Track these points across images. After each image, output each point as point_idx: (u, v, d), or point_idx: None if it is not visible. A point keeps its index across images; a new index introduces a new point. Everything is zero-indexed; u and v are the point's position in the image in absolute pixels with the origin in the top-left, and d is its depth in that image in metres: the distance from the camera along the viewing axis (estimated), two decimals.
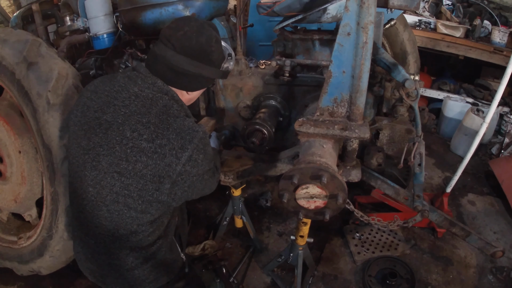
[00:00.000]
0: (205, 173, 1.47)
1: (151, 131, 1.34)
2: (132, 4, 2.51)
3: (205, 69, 1.46)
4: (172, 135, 1.35)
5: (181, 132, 1.36)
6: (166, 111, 1.38)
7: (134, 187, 1.36)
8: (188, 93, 1.54)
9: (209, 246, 2.78)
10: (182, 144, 1.35)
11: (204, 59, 1.44)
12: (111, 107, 1.38)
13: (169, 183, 1.36)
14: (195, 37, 1.41)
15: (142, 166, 1.33)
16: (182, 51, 1.40)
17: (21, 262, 2.36)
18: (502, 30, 4.30)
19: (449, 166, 3.92)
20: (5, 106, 2.24)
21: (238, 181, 2.21)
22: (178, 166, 1.34)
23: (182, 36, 1.41)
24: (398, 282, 2.51)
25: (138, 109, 1.36)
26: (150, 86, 1.42)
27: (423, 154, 1.83)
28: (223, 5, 2.77)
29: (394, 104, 2.13)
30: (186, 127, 1.38)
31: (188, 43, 1.40)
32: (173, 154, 1.34)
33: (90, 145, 1.39)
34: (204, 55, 1.44)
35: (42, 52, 2.03)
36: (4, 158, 2.24)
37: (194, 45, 1.41)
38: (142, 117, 1.35)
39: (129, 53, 2.81)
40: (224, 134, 2.47)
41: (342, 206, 1.59)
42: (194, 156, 1.37)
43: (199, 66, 1.44)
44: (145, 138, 1.33)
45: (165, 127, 1.35)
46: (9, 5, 4.76)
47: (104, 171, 1.37)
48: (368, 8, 1.51)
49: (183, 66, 1.42)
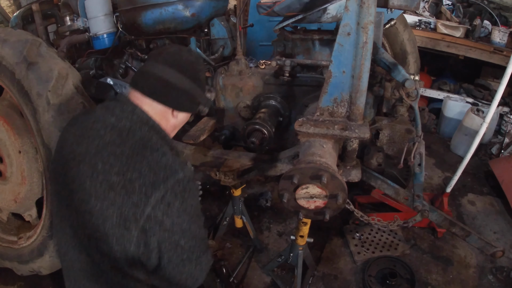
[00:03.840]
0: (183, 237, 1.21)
1: (123, 163, 1.18)
2: (132, 4, 2.51)
3: (193, 87, 1.38)
4: (145, 169, 1.17)
5: (156, 167, 1.18)
6: (144, 143, 1.23)
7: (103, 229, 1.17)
8: (174, 115, 1.38)
9: (209, 246, 2.77)
10: (155, 181, 1.16)
11: (192, 76, 1.38)
12: (85, 138, 1.25)
13: (136, 230, 1.15)
14: (185, 54, 1.39)
15: (108, 204, 1.16)
16: (172, 65, 1.33)
17: (21, 262, 2.36)
18: (502, 30, 4.30)
19: (449, 166, 3.92)
20: (5, 106, 2.24)
21: (238, 181, 2.21)
22: (146, 207, 1.14)
23: (173, 52, 1.38)
24: (398, 282, 2.51)
25: (112, 140, 1.22)
26: (129, 115, 1.27)
27: (423, 154, 1.83)
28: (223, 5, 2.77)
29: (394, 104, 2.13)
30: (163, 163, 1.20)
31: (178, 57, 1.36)
32: (142, 191, 1.15)
33: (66, 181, 1.26)
34: (193, 72, 1.38)
35: (42, 52, 2.03)
36: (4, 158, 2.24)
37: (184, 60, 1.37)
38: (116, 148, 1.20)
39: (129, 53, 2.81)
40: (224, 134, 2.48)
41: (342, 206, 1.60)
42: (168, 199, 1.17)
43: (189, 82, 1.36)
44: (116, 171, 1.17)
45: (139, 160, 1.18)
46: (9, 5, 4.76)
47: (76, 209, 1.23)
48: (368, 8, 1.51)
49: (172, 79, 1.32)
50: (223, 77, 2.40)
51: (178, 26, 2.55)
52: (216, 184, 3.45)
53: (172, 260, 1.21)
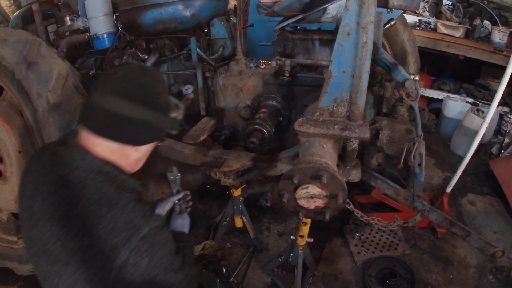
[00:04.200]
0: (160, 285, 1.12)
1: (79, 227, 1.07)
2: (132, 4, 2.51)
3: (151, 115, 1.19)
4: (103, 232, 1.05)
5: (115, 228, 1.06)
6: (98, 200, 1.09)
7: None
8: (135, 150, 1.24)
9: (209, 246, 2.77)
10: (116, 244, 1.05)
11: (148, 103, 1.18)
12: (39, 193, 1.14)
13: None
14: (137, 77, 1.18)
15: (73, 269, 1.08)
16: (121, 94, 1.14)
17: (21, 262, 2.36)
18: (502, 30, 4.30)
19: (449, 166, 3.92)
20: (5, 106, 2.24)
21: (238, 181, 2.22)
22: (112, 272, 1.05)
23: (120, 78, 1.17)
24: (398, 282, 2.51)
25: (65, 199, 1.10)
26: (79, 164, 1.14)
27: (423, 154, 1.83)
28: (223, 5, 2.77)
29: (394, 104, 2.13)
30: (123, 222, 1.07)
31: (127, 83, 1.16)
32: (104, 255, 1.05)
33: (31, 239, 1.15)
34: (147, 98, 1.18)
35: (42, 52, 2.03)
36: (4, 158, 2.24)
37: (135, 86, 1.16)
38: (69, 209, 1.09)
39: (129, 53, 2.81)
40: (224, 134, 2.48)
41: (342, 206, 1.59)
42: (133, 260, 1.06)
43: (144, 111, 1.17)
44: (73, 236, 1.07)
45: (95, 222, 1.06)
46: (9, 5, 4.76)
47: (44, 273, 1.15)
48: (368, 8, 1.51)
49: (124, 112, 1.14)
50: (223, 77, 2.40)
51: (178, 26, 2.55)
52: (216, 184, 3.46)
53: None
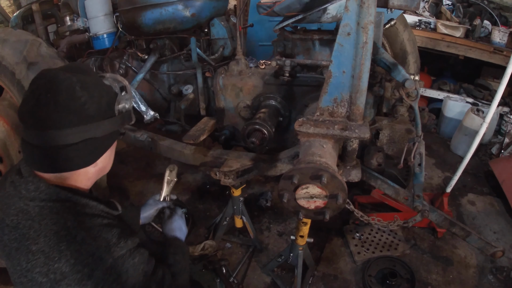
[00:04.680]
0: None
1: (42, 262, 1.02)
2: (132, 4, 2.51)
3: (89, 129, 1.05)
4: (66, 267, 1.01)
5: (77, 262, 1.02)
6: (57, 233, 1.03)
7: None
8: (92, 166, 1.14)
9: (209, 246, 2.77)
10: (81, 279, 1.02)
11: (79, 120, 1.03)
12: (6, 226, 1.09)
13: None
14: (51, 98, 1.00)
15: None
16: (44, 126, 1.01)
17: None
18: (502, 30, 4.30)
19: (449, 166, 3.92)
20: (5, 106, 2.24)
21: (238, 181, 2.22)
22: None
23: (36, 108, 1.01)
24: (398, 282, 2.51)
25: (26, 232, 1.05)
26: (35, 195, 1.07)
27: (423, 154, 1.83)
28: (223, 5, 2.77)
29: (394, 104, 2.13)
30: (85, 255, 1.03)
31: (45, 112, 1.00)
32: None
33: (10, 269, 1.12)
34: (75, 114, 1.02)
35: (42, 52, 2.04)
36: (4, 158, 2.24)
37: (53, 111, 1.00)
38: (31, 244, 1.04)
39: (129, 53, 2.81)
40: (224, 134, 2.48)
41: (342, 206, 1.59)
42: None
43: (79, 131, 1.03)
44: (38, 271, 1.03)
45: (57, 257, 1.02)
46: (9, 5, 4.76)
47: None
48: (368, 8, 1.51)
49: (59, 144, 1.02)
50: (223, 77, 2.40)
51: (178, 26, 2.55)
52: (216, 184, 3.46)
53: None
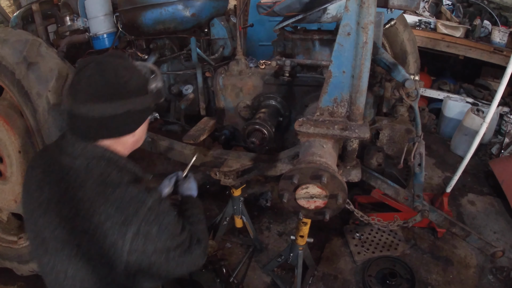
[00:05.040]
0: (171, 251, 1.22)
1: (87, 208, 1.15)
2: (132, 4, 2.51)
3: (130, 103, 1.24)
4: (111, 209, 1.14)
5: (122, 204, 1.15)
6: (103, 181, 1.18)
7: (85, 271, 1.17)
8: (131, 136, 1.32)
9: (209, 246, 2.78)
10: (125, 219, 1.14)
11: (122, 95, 1.22)
12: (46, 184, 1.23)
13: (122, 265, 1.15)
14: (99, 77, 1.20)
15: (85, 248, 1.15)
16: (94, 99, 1.19)
17: (21, 262, 2.36)
18: (502, 30, 4.30)
19: (449, 166, 3.92)
20: (5, 106, 2.24)
21: (238, 181, 2.21)
22: (125, 244, 1.13)
23: (86, 85, 1.20)
24: (398, 282, 2.51)
25: (72, 184, 1.19)
26: (82, 153, 1.22)
27: (423, 154, 1.83)
28: (223, 5, 2.77)
29: (394, 104, 2.13)
30: (128, 198, 1.17)
31: (95, 87, 1.19)
32: (115, 231, 1.13)
33: (37, 229, 1.23)
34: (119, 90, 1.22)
35: (42, 52, 2.03)
36: (4, 158, 2.24)
37: (103, 85, 1.20)
38: (77, 193, 1.17)
39: (129, 53, 2.81)
40: (224, 134, 2.47)
41: (342, 206, 1.60)
42: (143, 230, 1.16)
43: (122, 103, 1.22)
44: (83, 216, 1.15)
45: (102, 202, 1.15)
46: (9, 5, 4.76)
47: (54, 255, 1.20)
48: (368, 8, 1.51)
49: (105, 113, 1.20)
50: (223, 77, 2.40)
51: (178, 26, 2.55)
52: (216, 184, 3.45)
53: (170, 269, 1.24)
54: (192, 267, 1.33)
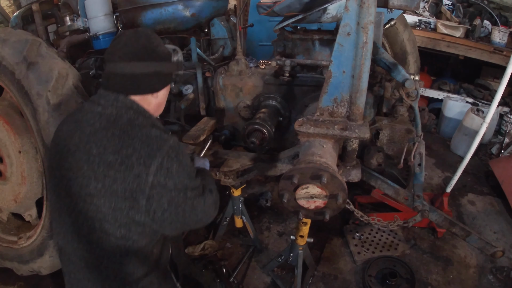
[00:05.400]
0: (188, 190, 1.36)
1: (116, 143, 1.28)
2: (132, 4, 2.51)
3: (158, 65, 1.43)
4: (138, 143, 1.28)
5: (148, 140, 1.30)
6: (131, 123, 1.34)
7: (107, 207, 1.27)
8: (154, 97, 1.47)
9: (209, 246, 2.78)
10: (150, 152, 1.28)
11: (152, 57, 1.42)
12: (77, 130, 1.35)
13: (144, 199, 1.27)
14: (135, 41, 1.40)
15: (110, 181, 1.26)
16: (129, 58, 1.37)
17: (21, 262, 2.36)
18: (502, 30, 4.30)
19: (449, 166, 3.92)
20: (5, 106, 2.24)
21: (238, 181, 2.22)
22: (149, 176, 1.26)
23: (123, 46, 1.39)
24: (398, 282, 2.51)
25: (102, 126, 1.32)
26: (113, 102, 1.37)
27: (423, 154, 1.83)
28: (223, 5, 2.77)
29: (394, 104, 2.13)
30: (153, 136, 1.32)
31: (131, 49, 1.38)
32: (140, 163, 1.26)
33: (62, 173, 1.35)
34: (150, 53, 1.41)
35: (42, 52, 2.03)
36: (4, 158, 2.24)
37: (137, 47, 1.39)
38: (107, 132, 1.31)
39: None
40: (224, 134, 2.47)
41: (342, 206, 1.60)
42: (166, 164, 1.29)
43: (151, 64, 1.41)
44: (111, 151, 1.27)
45: (130, 137, 1.29)
46: (9, 5, 4.76)
47: (76, 196, 1.31)
48: (368, 8, 1.51)
49: (136, 71, 1.38)
50: (223, 77, 2.40)
51: (178, 26, 2.55)
52: (216, 184, 3.45)
53: (186, 211, 1.36)
54: (204, 217, 1.45)
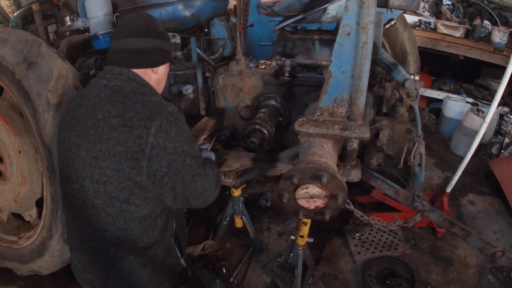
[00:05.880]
0: (188, 157, 1.45)
1: (119, 108, 1.41)
2: (132, 4, 2.51)
3: (158, 42, 1.57)
4: (140, 107, 1.41)
5: (148, 104, 1.43)
6: (134, 92, 1.46)
7: (111, 169, 1.37)
8: (154, 72, 1.59)
9: (209, 246, 2.78)
10: (150, 115, 1.39)
11: (152, 34, 1.56)
12: (84, 102, 1.48)
13: (145, 160, 1.37)
14: (137, 20, 1.56)
15: (114, 142, 1.37)
16: (131, 34, 1.52)
17: (21, 262, 2.36)
18: (502, 30, 4.30)
19: (449, 166, 3.92)
20: (5, 106, 2.24)
21: (238, 181, 2.21)
22: (149, 137, 1.36)
23: (127, 24, 1.55)
24: (398, 282, 2.51)
25: (107, 95, 1.45)
26: (118, 76, 1.50)
27: (423, 154, 1.82)
28: (223, 5, 2.77)
29: (394, 104, 2.13)
30: (154, 101, 1.45)
31: (133, 27, 1.53)
32: (141, 124, 1.37)
33: (71, 142, 1.46)
34: (151, 31, 1.56)
35: (42, 52, 2.03)
36: (4, 158, 2.24)
37: (139, 25, 1.54)
38: (111, 99, 1.43)
39: None
40: (224, 134, 2.47)
41: (342, 206, 1.59)
42: (165, 126, 1.39)
43: (152, 41, 1.55)
44: (114, 115, 1.40)
45: (133, 102, 1.42)
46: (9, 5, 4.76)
47: (82, 160, 1.41)
48: (368, 8, 1.51)
49: (138, 46, 1.52)
50: (223, 77, 2.40)
51: (178, 26, 2.55)
52: None
53: (185, 179, 1.44)
54: (205, 192, 1.53)
